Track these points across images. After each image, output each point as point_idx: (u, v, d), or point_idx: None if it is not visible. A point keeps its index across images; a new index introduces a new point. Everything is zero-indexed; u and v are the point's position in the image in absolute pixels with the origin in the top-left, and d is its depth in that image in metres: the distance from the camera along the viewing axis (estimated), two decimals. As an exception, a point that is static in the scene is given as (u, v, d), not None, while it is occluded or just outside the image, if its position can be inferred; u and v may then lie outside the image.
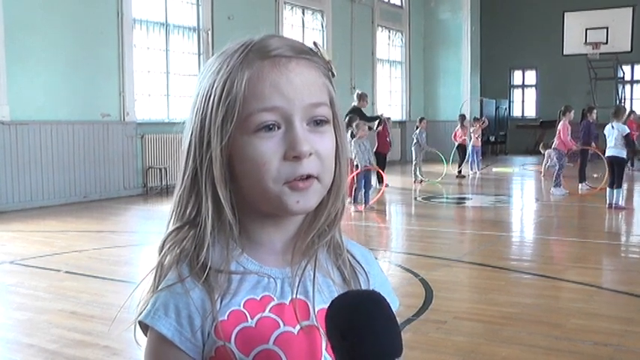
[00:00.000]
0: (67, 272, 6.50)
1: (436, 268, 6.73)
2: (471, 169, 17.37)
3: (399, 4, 22.80)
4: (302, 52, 1.05)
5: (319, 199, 1.06)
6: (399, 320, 3.58)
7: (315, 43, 1.09)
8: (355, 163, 10.61)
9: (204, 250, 1.04)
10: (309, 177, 1.03)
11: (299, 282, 1.08)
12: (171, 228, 1.09)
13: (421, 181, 15.11)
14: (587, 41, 22.82)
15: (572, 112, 12.68)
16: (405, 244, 8.54)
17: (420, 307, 5.19)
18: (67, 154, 11.68)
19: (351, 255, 1.17)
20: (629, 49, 22.63)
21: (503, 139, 26.80)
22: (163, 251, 1.08)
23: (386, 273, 4.86)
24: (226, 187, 1.04)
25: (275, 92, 1.01)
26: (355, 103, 13.66)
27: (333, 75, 1.10)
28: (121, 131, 12.63)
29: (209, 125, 1.03)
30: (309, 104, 1.03)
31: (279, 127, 1.02)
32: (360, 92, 14.16)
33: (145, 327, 1.05)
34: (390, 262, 7.28)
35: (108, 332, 4.25)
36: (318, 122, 1.04)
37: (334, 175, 1.08)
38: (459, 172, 16.62)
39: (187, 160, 1.07)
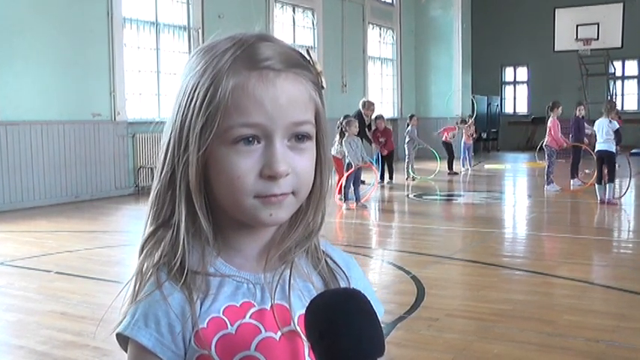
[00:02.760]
0: (57, 273, 6.47)
1: (428, 265, 6.73)
2: (463, 166, 17.40)
3: (389, 1, 22.79)
4: (292, 65, 1.01)
5: (292, 212, 1.05)
6: (391, 318, 3.58)
7: (307, 51, 1.06)
8: (347, 162, 10.60)
9: (180, 252, 1.02)
10: (282, 193, 1.01)
11: (276, 287, 1.06)
12: (148, 231, 1.07)
13: (413, 178, 15.13)
14: (578, 37, 22.83)
15: (561, 108, 12.66)
16: (396, 241, 8.54)
17: (411, 305, 5.18)
18: (57, 154, 11.63)
19: (332, 260, 1.15)
20: (620, 45, 22.66)
21: (495, 135, 26.85)
22: (142, 256, 1.06)
23: (377, 271, 4.86)
24: (201, 193, 1.02)
25: (258, 109, 0.98)
26: (361, 109, 13.77)
27: (322, 87, 1.07)
28: (112, 131, 12.59)
29: (188, 130, 1.00)
30: (292, 123, 1.00)
31: (258, 142, 0.99)
32: (365, 100, 14.27)
33: (123, 339, 1.02)
34: (382, 259, 7.27)
35: (98, 333, 4.23)
36: (299, 137, 1.02)
37: (314, 188, 1.06)
38: (450, 168, 16.65)
39: (165, 158, 1.04)
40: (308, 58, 1.05)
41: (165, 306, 1.00)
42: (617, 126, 10.81)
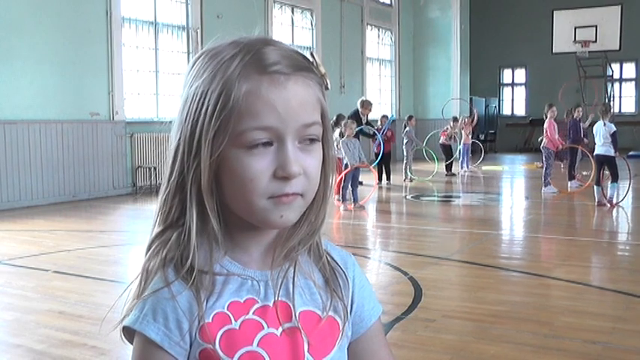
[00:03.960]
0: (55, 272, 6.47)
1: (425, 266, 6.74)
2: (461, 167, 17.42)
3: (388, 2, 22.82)
4: (300, 69, 1.04)
5: (301, 213, 1.07)
6: (389, 318, 3.61)
7: (312, 54, 1.08)
8: (345, 162, 10.62)
9: (191, 253, 1.04)
10: (294, 193, 1.03)
11: (281, 284, 1.09)
12: (155, 231, 1.09)
13: (411, 179, 15.15)
14: (577, 40, 22.87)
15: (554, 108, 12.65)
16: (394, 242, 8.54)
17: (408, 306, 5.19)
18: (55, 154, 11.64)
19: (331, 257, 1.17)
20: (618, 48, 22.71)
21: (492, 137, 26.88)
22: (148, 255, 1.08)
23: (375, 272, 4.89)
24: (213, 196, 1.04)
25: (271, 112, 1.00)
26: (359, 108, 13.81)
27: (327, 88, 1.09)
28: (110, 130, 12.60)
29: (199, 135, 1.02)
30: (303, 125, 1.02)
31: (270, 144, 1.01)
32: (364, 99, 14.31)
33: (129, 333, 1.04)
34: (379, 260, 7.29)
35: (96, 332, 4.24)
36: (309, 139, 1.04)
37: (319, 187, 1.08)
38: (447, 170, 16.68)
39: (174, 163, 1.06)
40: (312, 60, 1.07)
41: (173, 302, 1.02)
42: (614, 129, 10.82)
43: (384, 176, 14.61)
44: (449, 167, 16.77)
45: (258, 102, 1.00)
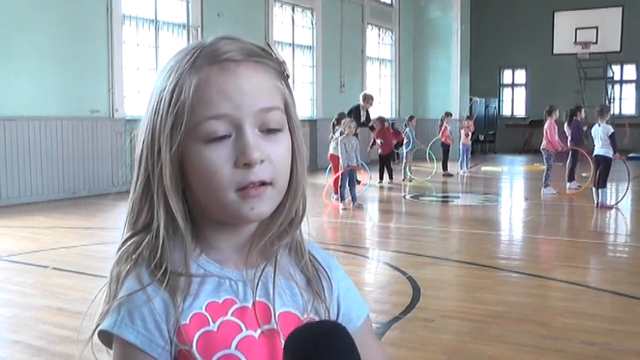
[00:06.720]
0: (54, 269, 6.48)
1: (424, 266, 6.74)
2: (460, 168, 17.40)
3: (389, 2, 22.80)
4: (252, 55, 1.03)
5: (274, 205, 1.05)
6: (387, 318, 3.62)
7: (267, 44, 1.07)
8: (341, 162, 10.61)
9: (163, 255, 1.03)
10: (262, 184, 1.01)
11: (258, 284, 1.07)
12: (125, 236, 1.07)
13: (410, 179, 15.15)
14: (577, 41, 22.90)
15: (557, 111, 12.68)
16: (393, 242, 8.54)
17: (407, 306, 5.19)
18: (55, 150, 11.63)
19: (314, 258, 1.15)
20: (619, 49, 22.71)
21: (492, 138, 26.87)
22: (116, 260, 1.06)
23: (373, 271, 4.87)
24: (178, 196, 1.03)
25: (223, 99, 0.99)
26: (360, 102, 13.94)
27: (287, 76, 1.08)
28: (110, 127, 12.59)
29: (159, 133, 1.02)
30: (260, 109, 1.01)
31: (229, 136, 1.00)
32: (365, 93, 14.41)
33: (106, 337, 1.03)
34: (378, 260, 7.29)
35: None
36: (271, 130, 1.02)
37: (291, 179, 1.06)
38: (444, 169, 16.68)
39: (140, 167, 1.05)
40: (269, 50, 1.06)
41: (149, 305, 1.01)
42: (612, 130, 10.82)
43: (385, 175, 14.61)
44: (445, 167, 16.76)
45: (210, 91, 0.99)
